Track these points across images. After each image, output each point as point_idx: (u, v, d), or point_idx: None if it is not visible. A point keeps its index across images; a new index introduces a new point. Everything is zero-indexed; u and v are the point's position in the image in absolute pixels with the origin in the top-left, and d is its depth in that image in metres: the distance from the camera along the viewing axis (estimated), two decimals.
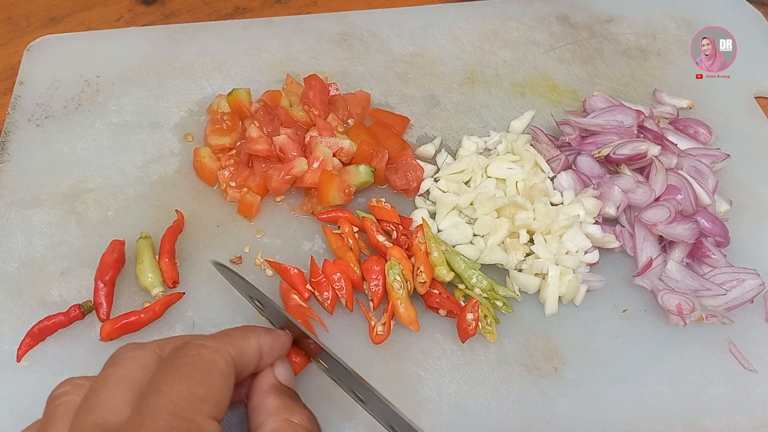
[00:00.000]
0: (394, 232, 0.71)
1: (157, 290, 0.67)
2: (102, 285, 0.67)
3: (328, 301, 0.67)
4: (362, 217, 0.72)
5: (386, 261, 0.68)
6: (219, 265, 0.61)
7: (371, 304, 0.67)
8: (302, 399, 0.53)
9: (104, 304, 0.66)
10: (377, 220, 0.72)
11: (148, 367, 0.46)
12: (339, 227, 0.72)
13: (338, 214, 0.73)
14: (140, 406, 0.42)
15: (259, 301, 0.61)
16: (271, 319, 0.62)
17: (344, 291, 0.67)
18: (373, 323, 0.66)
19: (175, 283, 0.68)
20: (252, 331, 0.52)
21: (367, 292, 0.68)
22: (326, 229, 0.72)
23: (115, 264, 0.68)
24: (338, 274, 0.67)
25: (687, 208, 0.73)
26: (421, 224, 0.70)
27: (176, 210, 0.73)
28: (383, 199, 0.74)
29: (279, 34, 0.96)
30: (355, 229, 0.72)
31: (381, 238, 0.70)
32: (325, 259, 0.70)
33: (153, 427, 0.40)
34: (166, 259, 0.69)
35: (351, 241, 0.71)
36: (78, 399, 0.45)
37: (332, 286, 0.67)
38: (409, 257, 0.69)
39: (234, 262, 0.71)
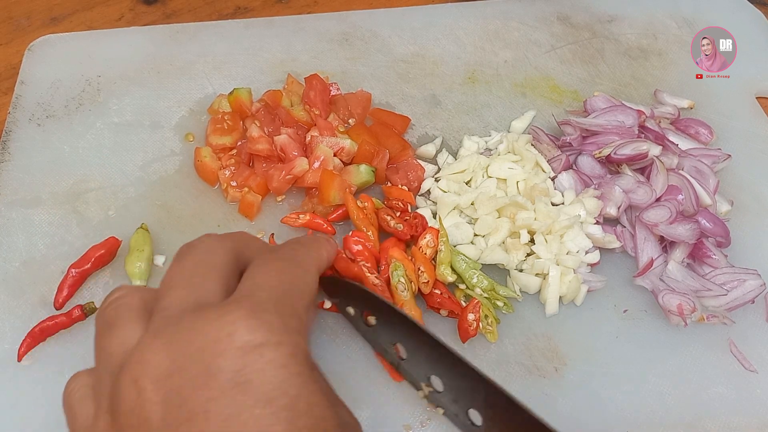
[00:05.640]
0: (399, 213, 0.72)
1: (139, 282, 0.68)
2: (74, 272, 0.67)
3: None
4: (378, 209, 0.72)
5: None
6: (329, 281, 0.61)
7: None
8: None
9: (65, 292, 0.66)
10: (391, 200, 0.73)
11: (233, 260, 0.48)
12: (362, 201, 0.72)
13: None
14: (245, 284, 0.44)
15: (374, 314, 0.59)
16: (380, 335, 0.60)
17: (369, 264, 0.67)
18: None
19: None
20: (323, 241, 0.55)
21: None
22: (349, 198, 0.71)
23: (98, 259, 0.68)
24: (360, 246, 0.68)
25: (688, 209, 0.73)
26: (431, 226, 0.71)
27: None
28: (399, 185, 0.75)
29: (280, 33, 0.96)
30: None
31: (399, 226, 0.70)
32: (346, 235, 0.70)
33: (266, 300, 0.42)
34: None
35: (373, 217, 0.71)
36: (138, 301, 0.45)
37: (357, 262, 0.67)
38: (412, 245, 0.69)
39: None
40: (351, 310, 0.61)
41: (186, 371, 0.38)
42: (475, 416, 0.54)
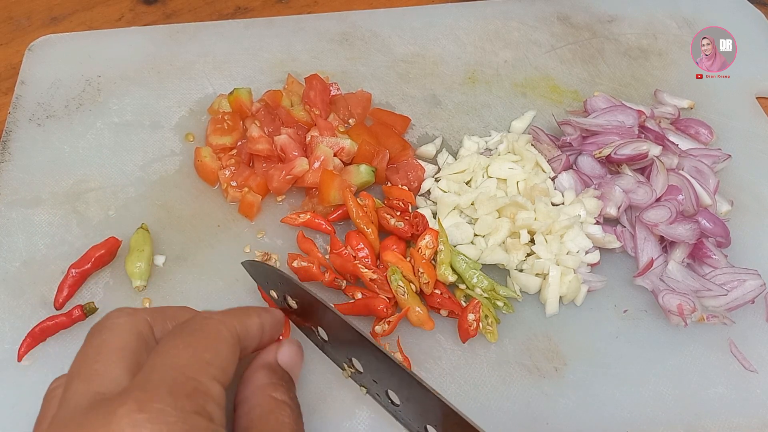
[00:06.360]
0: (399, 213, 0.72)
1: (139, 282, 0.68)
2: (74, 272, 0.67)
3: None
4: (378, 208, 0.72)
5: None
6: (251, 264, 0.63)
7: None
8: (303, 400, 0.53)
9: (65, 292, 0.66)
10: (391, 200, 0.73)
11: (143, 336, 0.44)
12: (362, 199, 0.72)
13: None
14: (144, 369, 0.41)
15: (294, 298, 0.60)
16: (305, 318, 0.61)
17: (369, 261, 0.68)
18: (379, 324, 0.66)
19: None
20: (253, 310, 0.52)
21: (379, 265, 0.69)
22: (348, 195, 0.71)
23: (98, 259, 0.68)
24: (362, 244, 0.68)
25: (688, 209, 0.73)
26: (432, 228, 0.71)
27: None
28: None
29: (280, 33, 0.96)
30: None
31: (400, 224, 0.70)
32: (348, 231, 0.71)
33: (158, 385, 0.39)
34: None
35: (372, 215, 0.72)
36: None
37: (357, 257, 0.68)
38: (415, 240, 0.70)
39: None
40: (274, 294, 0.62)
41: None
42: (394, 396, 0.56)
